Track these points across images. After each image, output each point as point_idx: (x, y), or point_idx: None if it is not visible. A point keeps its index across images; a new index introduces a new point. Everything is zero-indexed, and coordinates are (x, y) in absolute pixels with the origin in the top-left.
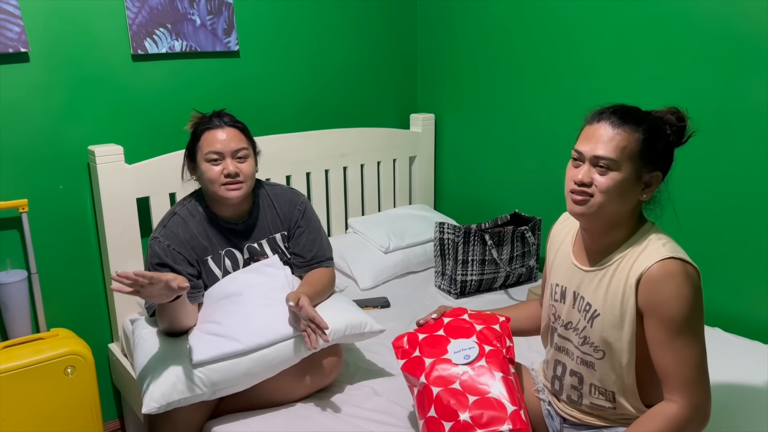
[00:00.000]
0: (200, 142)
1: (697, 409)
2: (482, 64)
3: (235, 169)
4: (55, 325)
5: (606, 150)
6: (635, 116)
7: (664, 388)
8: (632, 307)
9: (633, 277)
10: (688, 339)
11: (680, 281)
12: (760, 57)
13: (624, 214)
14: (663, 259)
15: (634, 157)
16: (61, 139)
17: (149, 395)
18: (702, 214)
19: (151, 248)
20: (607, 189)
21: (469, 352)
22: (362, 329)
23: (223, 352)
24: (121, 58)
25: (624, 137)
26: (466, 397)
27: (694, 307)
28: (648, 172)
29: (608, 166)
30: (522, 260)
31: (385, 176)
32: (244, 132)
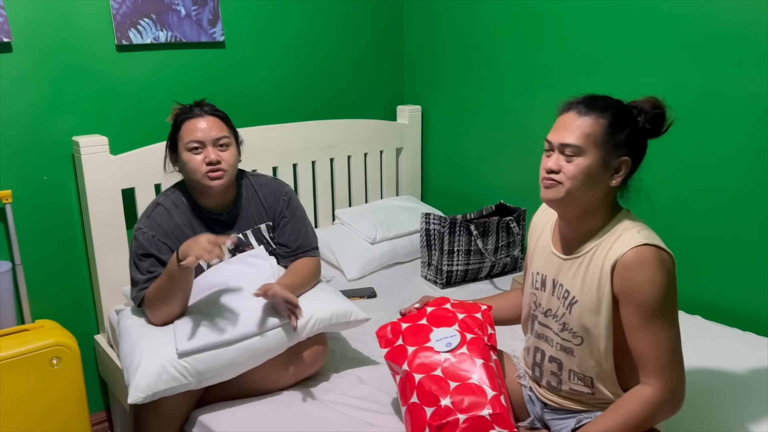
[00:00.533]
0: (181, 131)
1: (671, 392)
2: (468, 57)
3: (216, 157)
4: (40, 316)
5: (571, 137)
6: (601, 104)
7: (640, 372)
8: (608, 293)
9: (608, 264)
10: (662, 323)
11: (654, 267)
12: (739, 48)
13: (595, 201)
14: (637, 245)
15: (599, 142)
16: (45, 129)
17: (135, 385)
18: (683, 203)
19: (136, 239)
20: (573, 175)
21: (451, 339)
22: (348, 318)
23: (208, 342)
24: (105, 49)
25: (589, 124)
26: (448, 384)
27: (668, 293)
28: (616, 158)
29: (574, 152)
30: (507, 250)
31: (371, 168)
32: (224, 120)
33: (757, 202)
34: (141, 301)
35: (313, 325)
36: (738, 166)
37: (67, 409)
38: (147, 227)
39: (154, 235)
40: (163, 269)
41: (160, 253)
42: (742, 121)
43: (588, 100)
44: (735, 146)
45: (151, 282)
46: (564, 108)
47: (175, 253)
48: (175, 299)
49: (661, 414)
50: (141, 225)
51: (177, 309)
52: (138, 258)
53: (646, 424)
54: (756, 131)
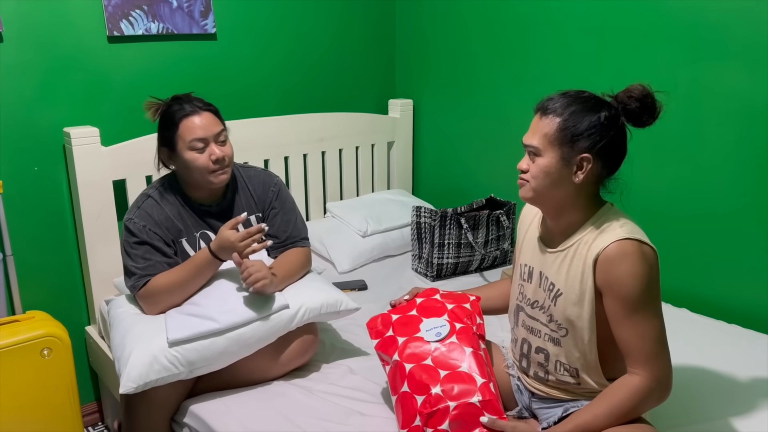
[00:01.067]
0: (180, 130)
1: (658, 381)
2: (460, 51)
3: (221, 153)
4: (31, 307)
5: (531, 138)
6: (563, 102)
7: (627, 362)
8: (591, 286)
9: (591, 257)
10: (646, 314)
11: (635, 260)
12: (727, 42)
13: (567, 197)
14: (619, 239)
15: (555, 142)
16: (36, 120)
17: (126, 375)
18: (670, 197)
19: (127, 229)
20: (534, 174)
21: (441, 329)
22: (338, 307)
23: (199, 331)
24: (96, 40)
25: (546, 124)
26: (438, 372)
27: (649, 285)
28: (575, 155)
29: (534, 152)
30: (497, 243)
31: (363, 161)
32: (217, 114)
33: (745, 196)
34: (138, 291)
35: (304, 314)
36: (726, 160)
37: (57, 399)
38: (138, 218)
39: (145, 225)
40: (157, 256)
41: (152, 241)
42: (730, 115)
43: (552, 100)
44: (723, 139)
45: (147, 270)
46: (535, 108)
47: (207, 247)
48: (191, 291)
49: (648, 402)
50: (131, 216)
51: (183, 300)
52: (131, 246)
53: (633, 413)
54: (743, 125)
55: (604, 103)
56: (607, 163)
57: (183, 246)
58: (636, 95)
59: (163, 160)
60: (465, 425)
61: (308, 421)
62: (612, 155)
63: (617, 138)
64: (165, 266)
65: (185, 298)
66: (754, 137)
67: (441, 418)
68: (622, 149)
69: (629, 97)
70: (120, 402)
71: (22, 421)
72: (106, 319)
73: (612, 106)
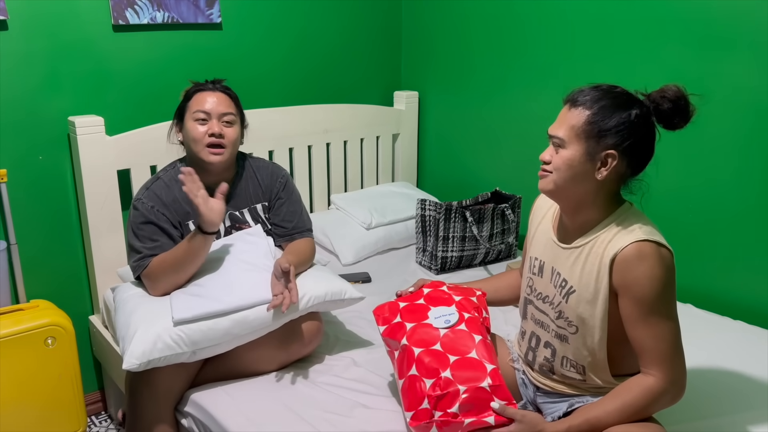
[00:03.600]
0: (190, 101)
1: (673, 382)
2: (466, 43)
3: (219, 130)
4: (35, 296)
5: (557, 129)
6: (594, 95)
7: (641, 363)
8: (606, 285)
9: (607, 257)
10: (662, 316)
11: (653, 263)
12: (736, 35)
13: (587, 193)
14: (637, 240)
15: (581, 135)
16: (41, 109)
17: (130, 352)
18: (676, 192)
19: (135, 209)
20: (557, 167)
21: (450, 317)
22: (342, 296)
23: (204, 311)
24: (101, 28)
25: (575, 116)
26: (447, 357)
27: (666, 287)
28: (600, 151)
29: (559, 144)
30: (501, 237)
31: (368, 153)
32: (234, 100)
33: (751, 192)
34: (142, 271)
35: (308, 302)
36: (734, 156)
37: (61, 388)
38: (146, 198)
39: (153, 205)
40: (164, 237)
41: (159, 222)
42: (738, 110)
43: (585, 91)
44: (731, 135)
45: (154, 250)
46: (565, 99)
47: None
48: (189, 270)
49: (661, 403)
50: (140, 196)
51: (184, 279)
52: (137, 227)
53: (644, 412)
54: (752, 120)
55: (636, 100)
56: (632, 162)
57: (190, 228)
58: (670, 96)
59: (174, 130)
60: (474, 409)
61: (312, 412)
62: (638, 155)
63: (646, 138)
64: (171, 247)
65: (185, 278)
66: (763, 133)
67: (451, 401)
68: (649, 150)
69: (662, 97)
70: (124, 391)
71: (26, 410)
72: (109, 309)
73: (644, 105)
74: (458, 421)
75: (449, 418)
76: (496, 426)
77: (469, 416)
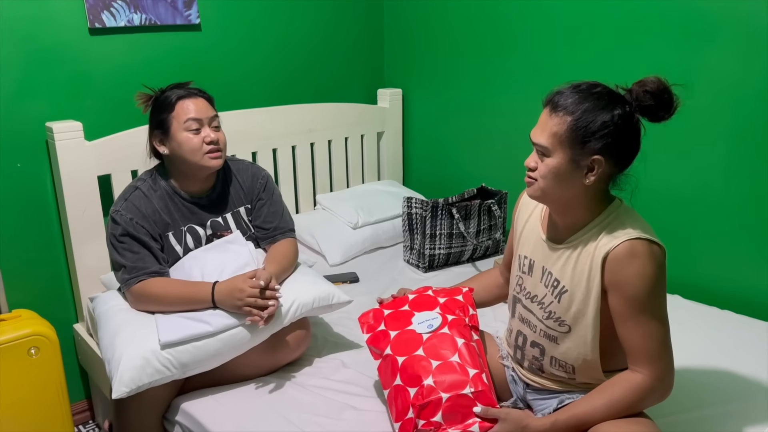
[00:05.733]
0: (175, 111)
1: (661, 380)
2: (449, 39)
3: (216, 136)
4: (17, 306)
5: (540, 137)
6: (575, 99)
7: (629, 360)
8: (597, 284)
9: (599, 256)
10: (652, 315)
11: (644, 261)
12: (718, 26)
13: (575, 197)
14: (629, 239)
15: (565, 142)
16: (18, 115)
17: (119, 380)
18: (664, 183)
19: (113, 221)
20: (543, 174)
21: (432, 321)
22: (330, 301)
23: (191, 334)
24: (77, 32)
25: (556, 123)
26: (430, 363)
27: (657, 285)
28: (586, 157)
29: (543, 152)
30: (489, 233)
31: (353, 152)
32: (211, 102)
33: (735, 182)
34: (130, 288)
35: (296, 310)
36: (718, 146)
37: (47, 399)
38: (125, 210)
39: (132, 218)
40: (144, 250)
41: (139, 234)
42: (722, 102)
43: (563, 94)
44: (715, 125)
45: (138, 263)
46: (544, 101)
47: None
48: (178, 309)
49: (648, 400)
50: (118, 207)
51: (169, 311)
52: (116, 240)
53: (632, 409)
54: (736, 109)
55: (618, 98)
56: (619, 161)
57: (169, 240)
58: (651, 89)
59: (155, 144)
60: (458, 416)
61: (301, 416)
62: (624, 153)
63: (631, 136)
64: (152, 259)
65: (170, 311)
66: (747, 123)
67: (434, 410)
68: (635, 146)
69: (645, 92)
70: (110, 401)
71: (11, 422)
72: (93, 317)
73: (626, 102)
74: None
75: (433, 428)
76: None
77: (453, 426)
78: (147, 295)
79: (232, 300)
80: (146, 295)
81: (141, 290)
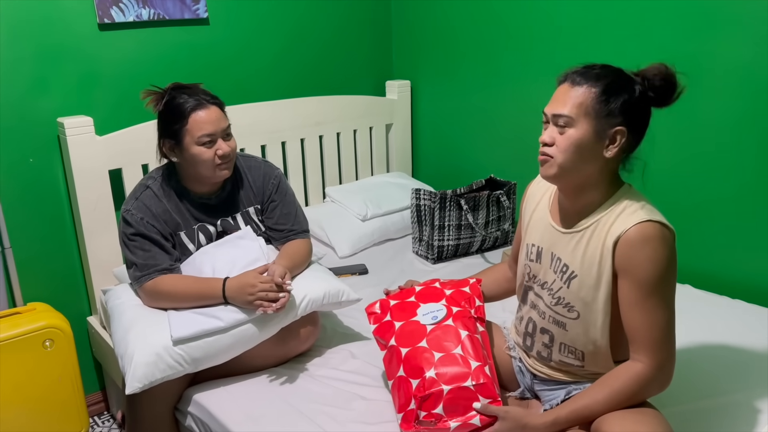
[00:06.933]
0: (188, 125)
1: (661, 370)
2: (457, 30)
3: (227, 148)
4: (31, 299)
5: (563, 107)
6: (596, 72)
7: (631, 348)
8: (609, 268)
9: (610, 240)
10: (659, 301)
11: (657, 244)
12: (727, 12)
13: (592, 174)
14: (641, 222)
15: (590, 112)
16: (29, 111)
17: (132, 375)
18: (673, 172)
19: (124, 220)
20: (565, 147)
21: (437, 313)
22: (340, 298)
23: (203, 329)
24: (87, 28)
25: (581, 93)
26: (433, 355)
27: (668, 270)
28: (609, 128)
29: (566, 123)
30: (497, 224)
31: (361, 144)
32: (222, 108)
33: (747, 171)
34: (143, 285)
35: (307, 305)
36: (728, 134)
37: (61, 390)
38: (135, 209)
39: (143, 217)
40: (156, 248)
41: (150, 233)
42: (732, 90)
43: (583, 70)
44: (725, 114)
45: (150, 260)
46: (561, 79)
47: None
48: (190, 306)
49: (649, 390)
50: (129, 207)
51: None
52: (128, 238)
53: (633, 399)
54: (746, 99)
55: (633, 77)
56: (636, 137)
57: (181, 239)
58: (660, 75)
59: (165, 151)
60: (459, 408)
61: (311, 406)
62: (641, 129)
63: (646, 112)
64: (164, 256)
65: (182, 308)
66: (757, 111)
67: (435, 402)
68: (647, 124)
69: (654, 75)
70: (122, 392)
71: (27, 414)
72: (106, 309)
73: (640, 82)
74: (444, 425)
75: (434, 419)
76: (483, 427)
77: (454, 418)
78: (158, 292)
79: (243, 295)
80: (158, 292)
81: (152, 287)
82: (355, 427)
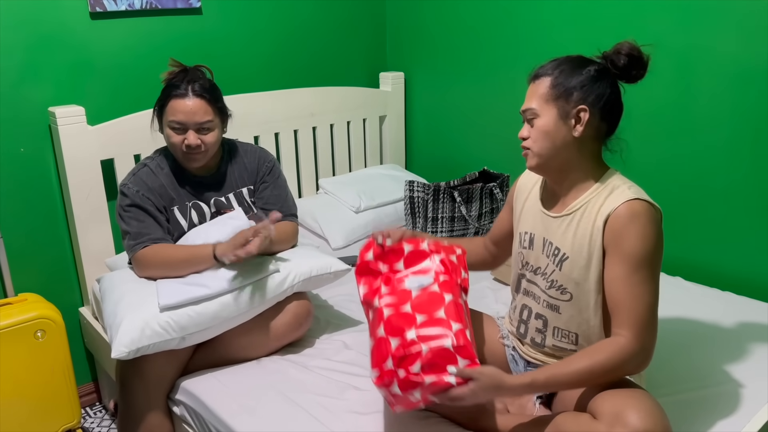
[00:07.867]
0: (167, 107)
1: (642, 346)
2: (451, 22)
3: (195, 141)
4: (23, 290)
5: (529, 103)
6: (552, 64)
7: (614, 323)
8: (599, 247)
9: (600, 219)
10: (645, 277)
11: (645, 220)
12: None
13: (572, 157)
14: (629, 200)
15: (549, 99)
16: (20, 100)
17: (118, 341)
18: (666, 163)
19: (122, 194)
20: (536, 137)
21: (423, 279)
22: (329, 269)
23: (190, 297)
24: (79, 17)
25: (539, 84)
26: (415, 317)
27: (655, 248)
28: (572, 108)
29: (533, 115)
30: (490, 216)
31: (355, 136)
32: (211, 102)
33: (738, 162)
34: (135, 253)
35: (294, 278)
36: (720, 124)
37: (53, 381)
38: (132, 183)
39: (139, 190)
40: (150, 219)
41: (145, 205)
42: (723, 79)
43: (542, 66)
44: (717, 103)
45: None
46: (528, 80)
47: (212, 247)
48: (182, 272)
49: (628, 366)
50: (126, 181)
51: (174, 276)
52: (124, 210)
53: (612, 374)
54: (737, 89)
55: (592, 60)
56: (605, 116)
57: (174, 214)
58: (624, 51)
59: (155, 123)
60: (436, 368)
61: (304, 396)
62: (608, 108)
63: (611, 91)
64: (157, 228)
65: (175, 276)
66: (748, 101)
67: (413, 361)
68: (618, 104)
69: (617, 53)
70: (116, 380)
71: (19, 405)
72: (98, 300)
73: (600, 63)
74: (419, 380)
75: (410, 376)
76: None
77: (429, 374)
78: (151, 260)
79: (232, 248)
80: (150, 260)
81: (144, 255)
82: (348, 417)
